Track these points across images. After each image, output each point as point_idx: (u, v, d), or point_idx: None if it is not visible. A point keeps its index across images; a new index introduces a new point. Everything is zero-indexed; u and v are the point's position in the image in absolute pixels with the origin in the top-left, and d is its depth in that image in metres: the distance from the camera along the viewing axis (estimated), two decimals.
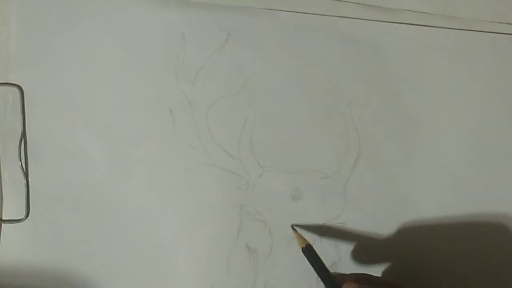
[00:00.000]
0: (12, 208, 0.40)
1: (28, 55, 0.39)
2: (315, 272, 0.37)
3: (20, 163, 0.39)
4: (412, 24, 0.39)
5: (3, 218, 0.40)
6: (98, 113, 0.39)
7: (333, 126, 0.39)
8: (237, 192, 0.40)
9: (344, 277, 0.36)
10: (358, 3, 0.39)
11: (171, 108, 0.39)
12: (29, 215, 0.40)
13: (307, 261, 0.37)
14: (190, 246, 0.40)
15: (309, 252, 0.37)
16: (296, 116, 0.39)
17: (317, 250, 0.40)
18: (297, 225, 0.39)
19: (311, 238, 0.40)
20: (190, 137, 0.39)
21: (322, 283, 0.39)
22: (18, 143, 0.39)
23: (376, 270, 0.40)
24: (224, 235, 0.40)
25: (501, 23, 0.39)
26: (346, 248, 0.40)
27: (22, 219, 0.40)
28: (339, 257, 0.40)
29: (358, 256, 0.40)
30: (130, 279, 0.40)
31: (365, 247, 0.40)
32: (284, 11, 0.38)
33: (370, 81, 0.39)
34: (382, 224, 0.40)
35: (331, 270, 0.40)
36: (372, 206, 0.40)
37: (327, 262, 0.40)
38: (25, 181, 0.40)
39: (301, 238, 0.38)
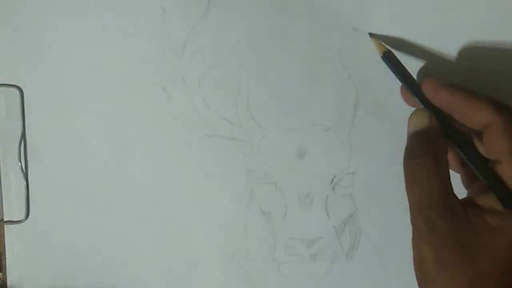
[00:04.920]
0: (12, 209, 0.40)
1: (27, 56, 0.39)
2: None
3: (20, 164, 0.39)
4: None
5: (4, 219, 0.40)
6: (96, 105, 0.39)
7: (327, 77, 0.39)
8: (243, 157, 0.39)
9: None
10: None
11: (163, 85, 0.39)
12: (29, 216, 0.40)
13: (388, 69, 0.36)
14: (204, 219, 0.40)
15: (388, 58, 0.36)
16: (288, 72, 0.39)
17: (332, 204, 0.39)
18: (374, 34, 0.38)
19: (324, 193, 0.39)
20: (187, 110, 0.39)
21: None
22: (18, 144, 0.39)
23: (397, 218, 0.39)
24: (236, 203, 0.40)
25: None
26: (361, 197, 0.40)
27: (22, 220, 0.40)
28: (355, 208, 0.40)
29: (375, 203, 0.40)
30: (148, 261, 0.40)
31: (379, 193, 0.40)
32: None
33: (356, 24, 0.39)
34: (392, 166, 0.39)
35: (350, 222, 0.40)
36: (379, 150, 0.39)
37: (344, 215, 0.40)
38: (25, 182, 0.40)
39: (380, 45, 0.37)
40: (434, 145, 0.33)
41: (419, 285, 0.32)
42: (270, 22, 0.39)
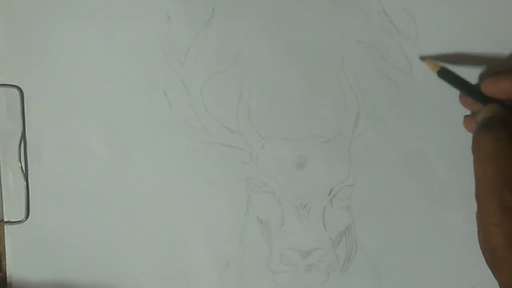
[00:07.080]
0: (12, 209, 0.40)
1: (27, 56, 0.39)
2: None
3: (20, 164, 0.39)
4: None
5: (4, 219, 0.40)
6: (96, 107, 0.39)
7: (329, 88, 0.39)
8: (242, 166, 0.39)
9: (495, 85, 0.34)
10: None
11: (165, 90, 0.39)
12: (29, 216, 0.40)
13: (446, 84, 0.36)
14: (202, 225, 0.40)
15: (445, 74, 0.36)
16: (290, 82, 0.39)
17: (329, 216, 0.40)
18: (424, 56, 0.38)
19: (321, 204, 0.39)
20: (187, 117, 0.39)
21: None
22: (18, 144, 0.39)
23: (394, 232, 0.40)
24: (234, 210, 0.40)
25: None
26: (359, 210, 0.40)
27: (22, 220, 0.40)
28: (352, 220, 0.40)
29: (372, 216, 0.40)
30: (144, 265, 0.40)
31: (377, 206, 0.40)
32: None
33: (359, 37, 0.38)
34: (391, 179, 0.39)
35: (346, 234, 0.40)
36: (378, 164, 0.39)
37: (340, 227, 0.40)
38: (25, 182, 0.40)
39: (433, 64, 0.36)
40: (510, 124, 0.32)
41: (486, 261, 0.31)
42: (274, 31, 0.38)
